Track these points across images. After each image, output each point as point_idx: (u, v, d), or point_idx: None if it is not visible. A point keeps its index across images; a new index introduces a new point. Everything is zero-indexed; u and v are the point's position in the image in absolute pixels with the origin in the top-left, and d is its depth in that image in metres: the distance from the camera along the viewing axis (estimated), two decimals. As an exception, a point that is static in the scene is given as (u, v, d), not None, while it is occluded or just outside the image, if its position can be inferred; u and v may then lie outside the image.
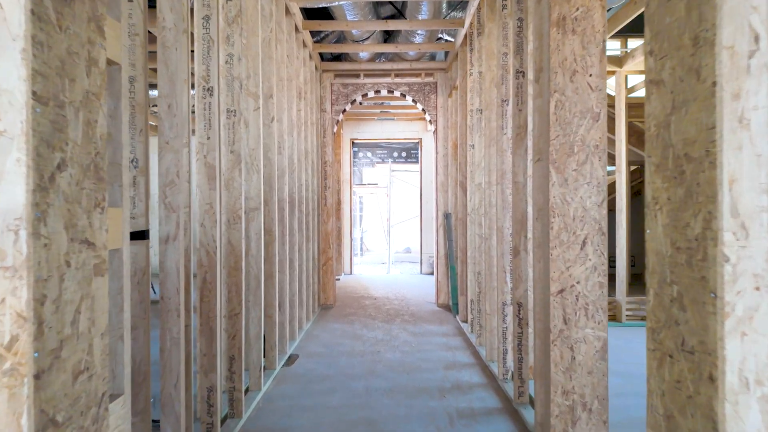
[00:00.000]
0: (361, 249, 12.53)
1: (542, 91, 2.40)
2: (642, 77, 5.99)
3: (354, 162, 12.03)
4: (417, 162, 11.26)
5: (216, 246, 2.28)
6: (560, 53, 2.23)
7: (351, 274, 8.71)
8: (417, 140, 8.81)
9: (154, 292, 5.74)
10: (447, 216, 5.38)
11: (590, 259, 2.24)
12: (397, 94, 5.78)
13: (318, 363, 3.62)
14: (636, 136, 5.79)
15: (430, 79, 5.71)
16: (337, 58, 6.15)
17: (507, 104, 3.18)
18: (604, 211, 2.25)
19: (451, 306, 5.27)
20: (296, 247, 4.18)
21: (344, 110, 5.77)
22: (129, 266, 1.58)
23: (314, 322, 4.94)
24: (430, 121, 5.82)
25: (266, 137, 3.41)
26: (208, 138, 2.30)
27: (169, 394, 1.85)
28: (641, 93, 6.32)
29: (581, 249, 2.25)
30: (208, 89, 2.29)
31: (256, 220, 3.05)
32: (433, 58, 6.34)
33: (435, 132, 5.76)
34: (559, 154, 2.23)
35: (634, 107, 5.57)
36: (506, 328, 3.20)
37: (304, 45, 4.72)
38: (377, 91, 5.76)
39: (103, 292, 1.16)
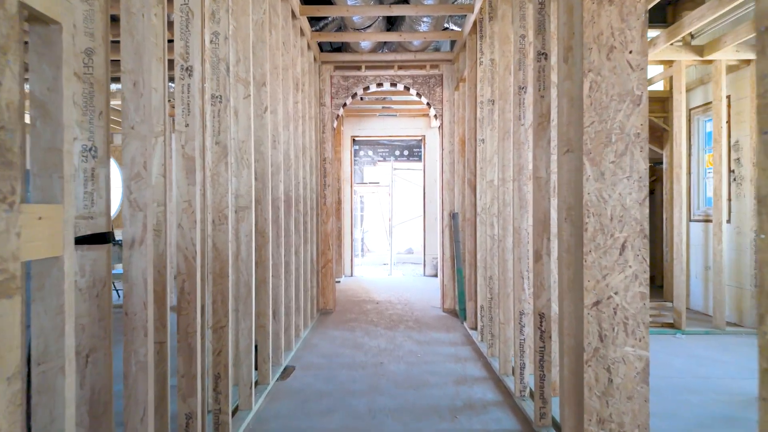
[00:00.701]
0: (362, 250, 12.22)
1: (573, 72, 2.09)
2: (658, 68, 5.68)
3: (355, 160, 11.72)
4: (420, 160, 10.94)
5: (195, 250, 1.97)
6: (595, 27, 1.92)
7: (352, 276, 8.41)
8: (420, 137, 8.51)
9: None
10: (454, 216, 5.08)
11: (630, 266, 1.93)
12: (400, 87, 5.47)
13: (316, 377, 3.31)
14: (650, 132, 5.48)
15: (435, 72, 5.40)
16: (338, 50, 5.85)
17: (525, 92, 2.87)
18: (646, 210, 1.94)
19: (458, 311, 4.97)
20: (292, 250, 3.87)
21: (344, 104, 5.46)
22: (74, 278, 1.28)
23: (313, 329, 4.63)
24: (435, 115, 5.51)
25: (258, 129, 3.10)
26: (187, 125, 1.99)
27: (134, 431, 1.54)
28: (658, 87, 6.01)
29: (620, 254, 1.94)
30: (187, 69, 1.98)
31: (247, 220, 2.74)
32: (437, 50, 6.04)
33: (440, 127, 5.45)
34: (594, 144, 1.92)
35: (650, 101, 5.26)
36: (524, 339, 2.89)
37: (302, 33, 4.41)
38: (379, 84, 5.45)
39: (13, 319, 0.85)
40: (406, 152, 11.42)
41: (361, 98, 7.38)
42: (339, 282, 7.61)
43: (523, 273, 2.87)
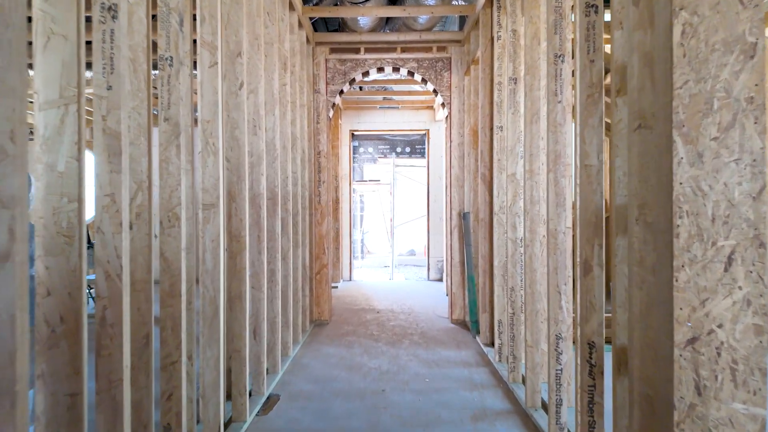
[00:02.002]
0: (362, 251, 11.65)
1: (650, 17, 1.51)
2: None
3: (354, 158, 11.14)
4: (423, 156, 10.37)
5: (120, 264, 1.40)
6: (690, -55, 1.35)
7: (351, 280, 7.83)
8: (424, 131, 7.93)
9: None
10: (464, 216, 4.50)
11: (740, 288, 1.37)
12: (403, 72, 4.90)
13: (304, 410, 2.74)
14: None
15: (442, 55, 4.83)
16: (334, 31, 5.27)
17: (562, 61, 2.30)
18: (764, 208, 1.37)
19: (470, 324, 4.39)
20: (278, 255, 3.29)
21: (341, 91, 4.89)
22: None
23: (304, 345, 4.06)
24: (442, 104, 4.94)
25: (232, 109, 2.52)
26: (109, 88, 1.41)
27: None
28: None
29: (725, 270, 1.38)
30: (110, 8, 1.41)
31: (213, 221, 2.17)
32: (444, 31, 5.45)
33: (448, 117, 4.88)
34: (688, 113, 1.35)
35: None
36: (560, 370, 2.32)
37: (291, 7, 3.84)
38: (380, 69, 4.88)
39: None
40: (408, 149, 10.85)
41: (360, 88, 6.81)
42: (336, 287, 7.04)
43: (560, 287, 2.30)
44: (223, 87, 2.48)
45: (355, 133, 8.05)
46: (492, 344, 3.89)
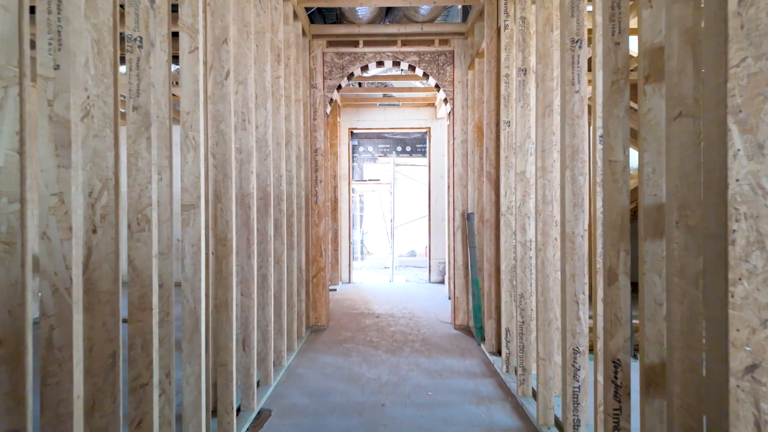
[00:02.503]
0: (362, 252, 11.44)
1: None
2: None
3: (353, 157, 10.93)
4: (424, 155, 10.16)
5: (70, 277, 1.19)
6: None
7: (350, 282, 7.62)
8: (425, 130, 7.71)
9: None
10: (468, 217, 4.29)
11: (809, 305, 1.16)
12: (404, 66, 4.68)
13: (298, 428, 2.52)
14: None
15: (445, 48, 4.61)
16: (332, 23, 5.06)
17: (579, 46, 2.08)
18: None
19: (474, 330, 4.18)
20: (271, 259, 3.08)
21: (339, 86, 4.67)
22: None
23: (300, 354, 3.85)
24: (444, 99, 4.72)
25: (218, 101, 2.31)
26: (57, 67, 1.20)
27: None
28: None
29: (790, 284, 1.16)
30: (58, -27, 1.20)
31: (194, 223, 1.95)
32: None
33: (451, 113, 4.66)
34: (747, 96, 1.14)
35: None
36: (578, 387, 2.11)
37: (286, -5, 3.63)
38: (380, 63, 4.66)
39: None
40: (408, 148, 10.64)
41: (359, 84, 6.60)
42: (335, 290, 6.82)
43: (577, 296, 2.09)
44: (208, 77, 2.26)
45: (355, 131, 7.84)
46: (498, 353, 3.67)
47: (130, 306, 1.57)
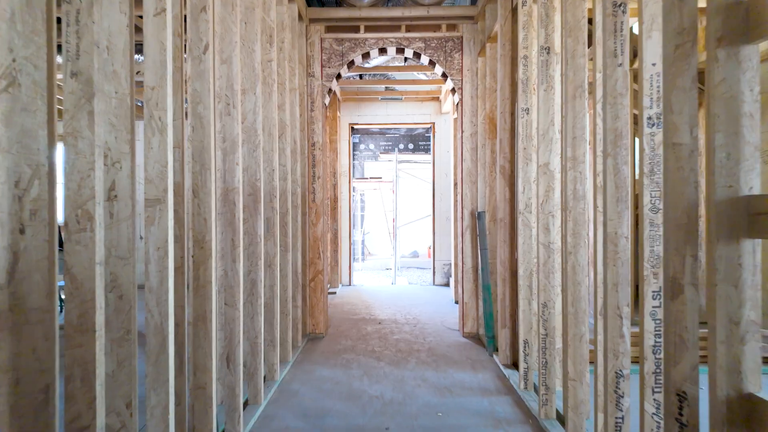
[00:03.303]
0: (363, 253, 11.11)
1: None
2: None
3: (354, 155, 10.58)
4: (427, 152, 9.82)
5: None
6: None
7: (350, 285, 7.28)
8: (429, 125, 7.37)
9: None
10: (478, 216, 3.94)
11: None
12: (408, 53, 4.34)
13: (288, 458, 2.19)
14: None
15: (453, 34, 4.27)
16: (331, 6, 4.71)
17: (623, 11, 1.74)
18: None
19: (485, 339, 3.84)
20: (261, 263, 2.74)
21: (338, 75, 4.34)
22: None
23: (295, 366, 3.51)
24: (452, 89, 4.38)
25: (195, 78, 1.98)
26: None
27: None
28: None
29: None
30: None
31: (160, 222, 1.61)
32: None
33: (459, 104, 4.32)
34: None
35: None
36: (621, 418, 1.77)
37: (279, -29, 3.29)
38: (382, 50, 4.32)
39: None
40: (411, 145, 10.31)
41: (360, 76, 6.26)
42: (334, 293, 6.49)
43: (621, 309, 1.75)
44: (182, 50, 1.92)
45: (355, 126, 7.50)
46: (514, 365, 3.33)
47: (66, 327, 1.24)
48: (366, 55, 4.32)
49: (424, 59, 4.31)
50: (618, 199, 1.75)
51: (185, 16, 1.99)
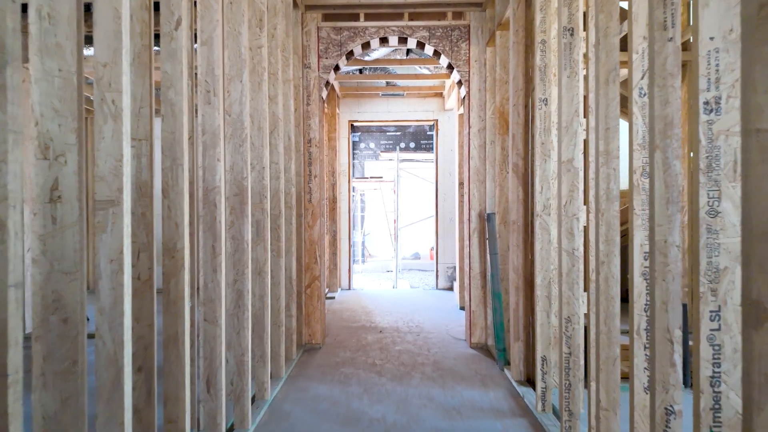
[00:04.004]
0: (363, 255, 10.82)
1: None
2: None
3: (354, 154, 10.29)
4: (430, 151, 9.54)
5: None
6: None
7: (350, 289, 6.99)
8: (431, 122, 7.08)
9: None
10: (488, 218, 3.65)
11: None
12: (411, 43, 4.05)
13: (276, 499, 1.90)
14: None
15: (459, 22, 3.98)
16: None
17: (675, -25, 1.45)
18: None
19: (495, 351, 3.54)
20: (248, 271, 2.45)
21: (336, 66, 4.05)
22: None
23: (289, 381, 3.22)
24: (459, 82, 4.09)
25: (165, 59, 1.69)
26: None
27: None
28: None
29: None
30: None
31: (114, 229, 1.32)
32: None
33: (466, 98, 4.03)
34: None
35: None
36: (672, 462, 1.47)
37: (271, -51, 3.00)
38: (383, 40, 4.03)
39: None
40: (412, 144, 10.02)
41: (360, 71, 5.96)
42: (333, 298, 6.20)
43: (672, 332, 1.46)
44: (125, 5, 1.63)
45: (355, 124, 7.21)
46: (528, 382, 3.04)
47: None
48: (366, 45, 4.03)
49: (429, 49, 4.02)
50: (668, 201, 1.46)
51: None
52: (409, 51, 5.54)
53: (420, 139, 9.95)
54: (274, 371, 3.17)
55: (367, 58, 5.20)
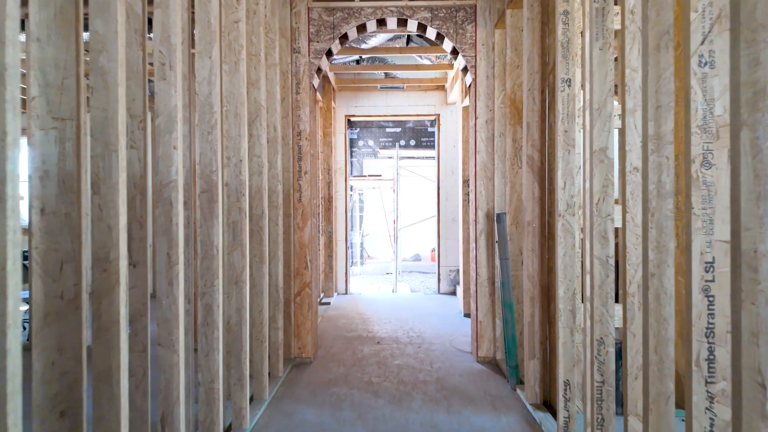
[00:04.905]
0: (362, 257, 10.44)
1: None
2: None
3: (352, 152, 9.91)
4: (431, 148, 9.16)
5: None
6: None
7: (347, 293, 6.61)
8: (433, 117, 6.70)
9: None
10: (497, 218, 3.27)
11: None
12: (412, 26, 3.68)
13: None
14: None
15: (465, 2, 3.61)
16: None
17: None
18: None
19: (506, 368, 3.17)
20: (217, 282, 2.07)
21: (329, 51, 3.67)
22: None
23: (273, 404, 2.84)
24: (464, 68, 3.71)
25: (94, 15, 1.31)
26: None
27: None
28: None
29: None
30: None
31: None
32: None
33: (472, 85, 3.65)
34: None
35: None
36: None
37: None
38: (381, 21, 3.65)
39: None
40: (412, 141, 9.64)
41: (357, 61, 5.59)
42: (329, 304, 5.82)
43: (763, 374, 1.08)
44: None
45: (352, 119, 6.83)
46: (546, 406, 2.66)
47: None
48: (362, 28, 3.65)
49: (431, 32, 3.64)
50: (759, 197, 1.08)
51: None
52: (409, 40, 5.17)
53: (420, 136, 9.57)
54: (256, 392, 2.79)
55: (364, 46, 4.82)
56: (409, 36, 5.11)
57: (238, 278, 2.41)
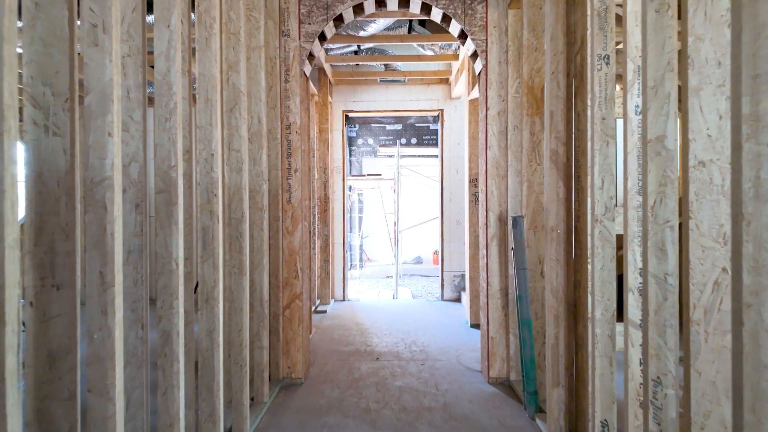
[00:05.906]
0: (361, 259, 10.06)
1: None
2: None
3: (351, 151, 9.53)
4: (433, 146, 8.77)
5: None
6: None
7: (344, 299, 6.22)
8: (436, 112, 6.31)
9: None
10: (514, 222, 2.87)
11: None
12: (415, 6, 3.29)
13: None
14: None
15: (473, -20, 3.22)
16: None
17: None
18: None
19: (523, 394, 2.78)
20: (176, 303, 1.68)
21: (322, 35, 3.28)
22: None
23: (254, 437, 2.45)
24: (474, 54, 3.32)
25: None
26: None
27: None
28: None
29: None
30: None
31: None
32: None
33: (482, 72, 3.26)
34: None
35: None
36: None
37: None
38: (380, 2, 3.27)
39: None
40: (414, 139, 9.24)
41: (356, 51, 5.20)
42: (324, 312, 5.43)
43: None
44: None
45: (350, 114, 6.44)
46: (573, 445, 2.27)
47: None
48: (358, 9, 3.27)
49: (436, 13, 3.25)
50: None
51: None
52: (411, 29, 4.79)
53: (422, 134, 9.18)
54: (235, 424, 2.41)
55: (362, 34, 4.44)
56: (410, 24, 4.73)
57: (209, 295, 2.02)
